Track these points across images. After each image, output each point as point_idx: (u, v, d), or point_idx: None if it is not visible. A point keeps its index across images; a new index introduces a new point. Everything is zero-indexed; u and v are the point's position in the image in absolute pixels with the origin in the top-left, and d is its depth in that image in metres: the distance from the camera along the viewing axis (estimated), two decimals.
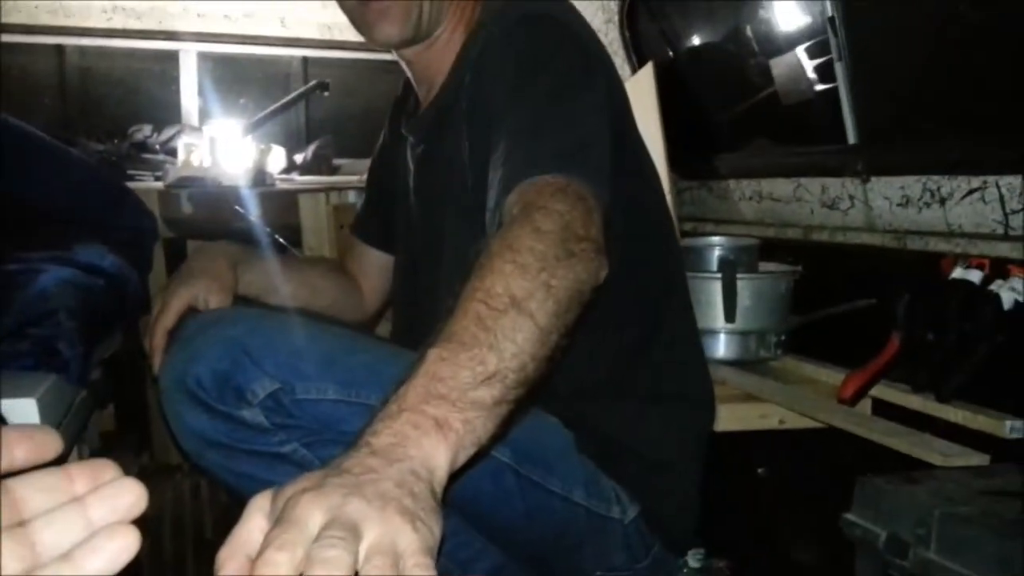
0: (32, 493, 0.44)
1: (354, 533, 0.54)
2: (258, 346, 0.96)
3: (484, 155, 1.03)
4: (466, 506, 1.05)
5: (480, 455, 0.71)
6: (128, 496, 0.45)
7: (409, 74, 1.27)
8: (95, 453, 2.14)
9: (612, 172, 0.99)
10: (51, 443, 0.47)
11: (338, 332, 1.11)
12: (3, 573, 0.40)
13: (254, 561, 0.52)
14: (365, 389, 0.97)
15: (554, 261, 0.82)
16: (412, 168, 1.26)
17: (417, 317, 1.28)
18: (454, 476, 0.68)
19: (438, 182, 1.19)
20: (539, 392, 0.80)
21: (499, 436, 0.74)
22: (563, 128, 0.99)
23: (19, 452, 0.45)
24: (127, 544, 0.43)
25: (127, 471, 1.47)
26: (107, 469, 0.46)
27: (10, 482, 0.44)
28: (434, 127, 1.20)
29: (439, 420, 0.67)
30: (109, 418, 2.52)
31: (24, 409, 0.93)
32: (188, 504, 2.15)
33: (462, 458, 0.68)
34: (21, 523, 0.42)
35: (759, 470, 1.69)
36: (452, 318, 0.76)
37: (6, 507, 0.42)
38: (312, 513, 0.55)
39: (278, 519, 0.56)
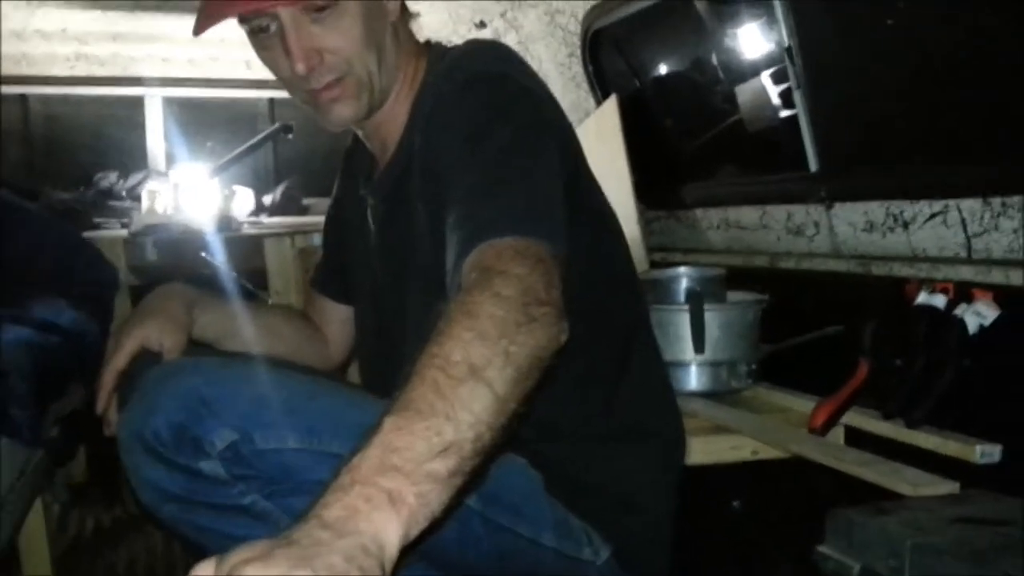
0: None
1: None
2: (216, 396, 0.94)
3: (439, 216, 1.02)
4: (433, 553, 1.03)
5: (435, 526, 0.70)
6: None
7: (359, 133, 1.26)
8: (64, 506, 2.11)
9: (568, 225, 0.99)
10: None
11: (299, 378, 1.10)
12: None
13: None
14: (326, 436, 0.95)
15: (514, 327, 0.81)
16: (373, 228, 1.25)
17: (384, 374, 1.26)
18: (407, 548, 0.67)
19: (399, 243, 1.18)
20: (496, 455, 0.79)
21: (453, 507, 0.72)
22: (517, 188, 0.98)
23: None
24: None
25: (99, 522, 1.45)
26: None
27: None
28: (392, 189, 1.19)
29: (392, 494, 0.65)
30: (81, 469, 2.50)
31: None
32: (161, 555, 2.12)
33: (414, 532, 0.66)
34: None
35: (733, 503, 1.68)
36: (409, 385, 0.74)
37: None
38: None
39: None
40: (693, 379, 1.64)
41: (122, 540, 2.21)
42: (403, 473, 0.67)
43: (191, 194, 2.29)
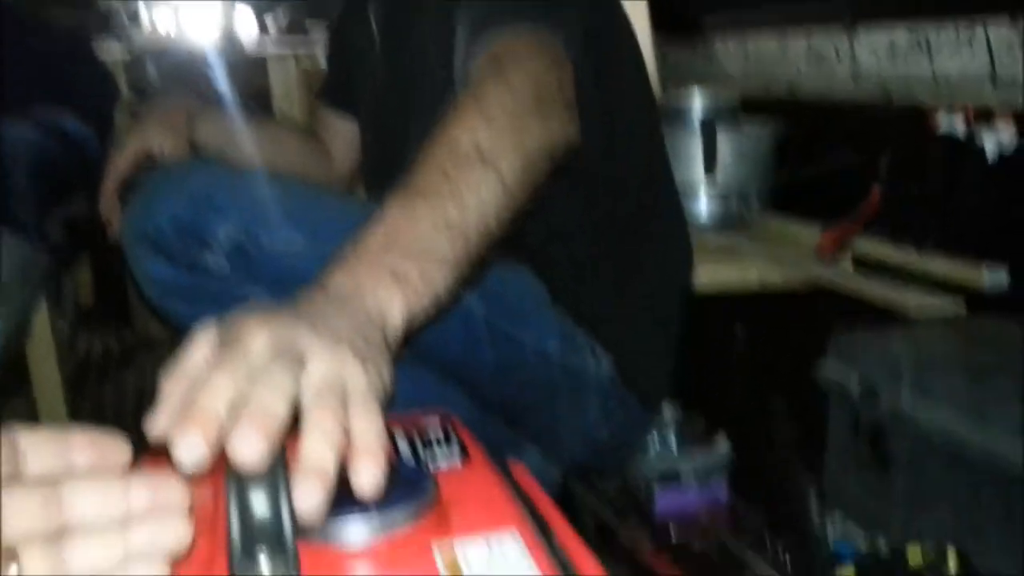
0: (81, 497, 0.41)
1: (299, 361, 0.51)
2: (221, 195, 0.93)
3: (448, 12, 0.98)
4: (437, 355, 1.04)
5: (440, 310, 0.69)
6: (171, 533, 0.42)
7: None
8: (73, 325, 2.14)
9: (585, 29, 0.95)
10: (117, 451, 0.44)
11: (302, 183, 1.09)
12: None
13: (194, 385, 0.50)
14: (331, 239, 0.94)
15: (524, 117, 0.79)
16: (377, 34, 1.21)
17: (388, 181, 1.25)
18: (413, 330, 0.66)
19: (406, 42, 1.15)
20: (502, 249, 0.78)
21: (458, 292, 0.72)
22: None
23: (80, 458, 0.43)
24: None
25: (107, 346, 1.47)
26: (171, 490, 0.42)
27: (64, 480, 0.41)
28: None
29: (396, 271, 0.64)
30: (88, 292, 2.52)
31: None
32: None
33: (418, 311, 0.66)
34: (60, 531, 0.40)
35: (737, 329, 1.68)
36: (416, 170, 0.73)
37: (51, 511, 0.40)
38: (257, 339, 0.52)
39: (222, 345, 0.53)
40: (703, 206, 1.63)
41: (131, 361, 2.25)
42: (408, 252, 0.66)
43: (193, 15, 2.22)
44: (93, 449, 0.43)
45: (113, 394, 2.07)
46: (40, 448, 0.42)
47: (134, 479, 0.42)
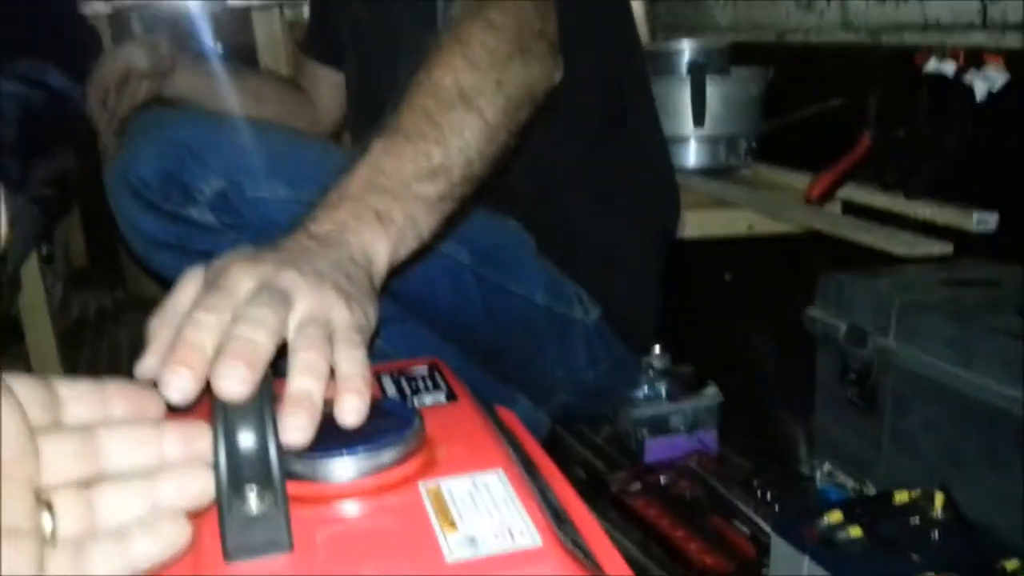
0: (117, 446, 0.41)
1: (284, 299, 0.52)
2: (203, 145, 0.92)
3: None
4: (425, 308, 1.04)
5: (423, 251, 0.69)
6: (197, 485, 0.42)
7: None
8: (66, 285, 2.14)
9: None
10: (153, 404, 0.45)
11: (286, 131, 1.08)
12: (60, 531, 0.38)
13: (180, 323, 0.50)
14: (316, 187, 0.94)
15: (506, 58, 0.79)
16: None
17: (374, 128, 1.24)
18: (396, 272, 0.66)
19: None
20: (489, 194, 0.78)
21: (442, 233, 0.72)
22: None
23: (117, 408, 0.43)
24: (180, 535, 0.41)
25: (101, 304, 1.47)
26: (202, 440, 0.43)
27: (99, 429, 0.41)
28: None
29: (380, 212, 0.64)
30: (80, 254, 2.51)
31: None
32: None
33: (403, 252, 0.66)
34: (93, 479, 0.40)
35: (726, 276, 1.69)
36: (398, 112, 0.73)
37: (87, 460, 0.40)
38: (243, 280, 0.53)
39: (208, 286, 0.54)
40: (692, 154, 1.62)
41: (124, 321, 2.24)
42: (391, 193, 0.66)
43: None
44: (130, 400, 0.44)
45: (107, 352, 2.06)
46: (79, 397, 0.42)
47: (167, 429, 0.43)
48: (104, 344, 2.09)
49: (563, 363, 1.17)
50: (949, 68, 1.29)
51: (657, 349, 1.42)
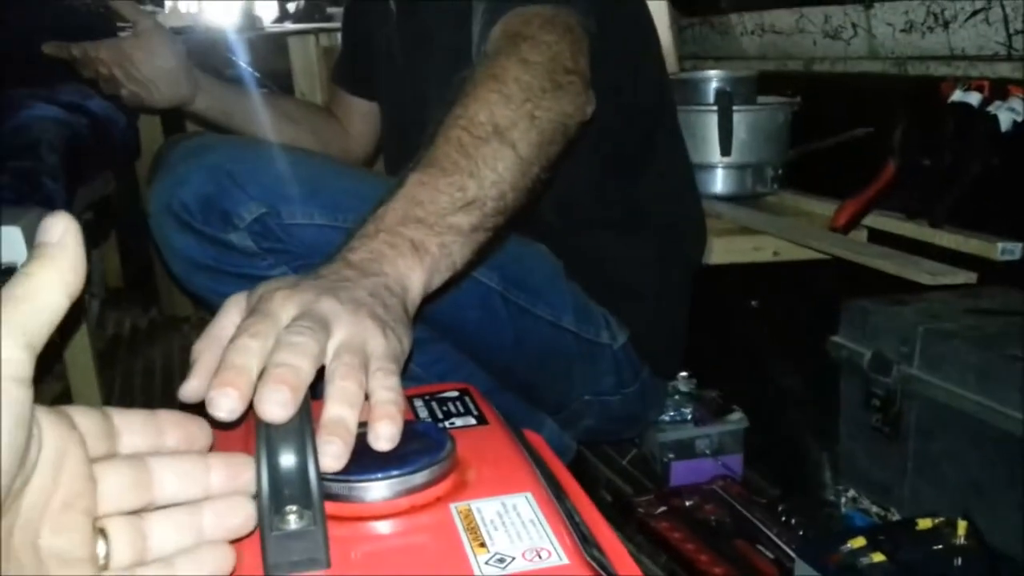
0: (169, 476, 0.44)
1: (324, 327, 0.54)
2: (243, 171, 0.95)
3: None
4: (455, 332, 1.07)
5: (456, 279, 0.72)
6: (238, 517, 0.45)
7: None
8: (103, 304, 2.18)
9: (602, 3, 0.97)
10: (202, 435, 0.47)
11: (323, 159, 1.11)
12: (113, 559, 0.40)
13: (226, 348, 0.53)
14: (352, 214, 0.96)
15: (540, 92, 0.81)
16: (395, 10, 1.23)
17: (407, 159, 1.27)
18: (429, 299, 0.69)
19: (422, 22, 1.16)
20: (519, 221, 0.80)
21: (475, 263, 0.75)
22: None
23: (170, 439, 0.46)
24: (224, 563, 0.43)
25: (136, 324, 1.49)
26: (245, 469, 0.46)
27: (152, 460, 0.43)
28: None
29: (415, 242, 0.67)
30: (116, 275, 2.57)
31: (9, 236, 0.94)
32: None
33: (437, 281, 0.69)
34: (146, 508, 0.43)
35: (752, 302, 1.70)
36: (433, 144, 0.75)
37: (141, 490, 0.42)
38: (285, 307, 0.56)
39: (251, 312, 0.56)
40: (719, 182, 1.64)
41: (159, 339, 2.29)
42: (426, 224, 0.69)
43: None
44: (181, 430, 0.46)
45: (141, 369, 2.11)
46: (133, 428, 0.44)
47: (214, 461, 0.45)
48: (138, 362, 2.14)
49: (590, 387, 1.18)
50: (974, 98, 1.30)
51: (683, 373, 1.43)
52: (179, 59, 1.26)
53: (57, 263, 0.38)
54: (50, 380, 1.69)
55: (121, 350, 2.23)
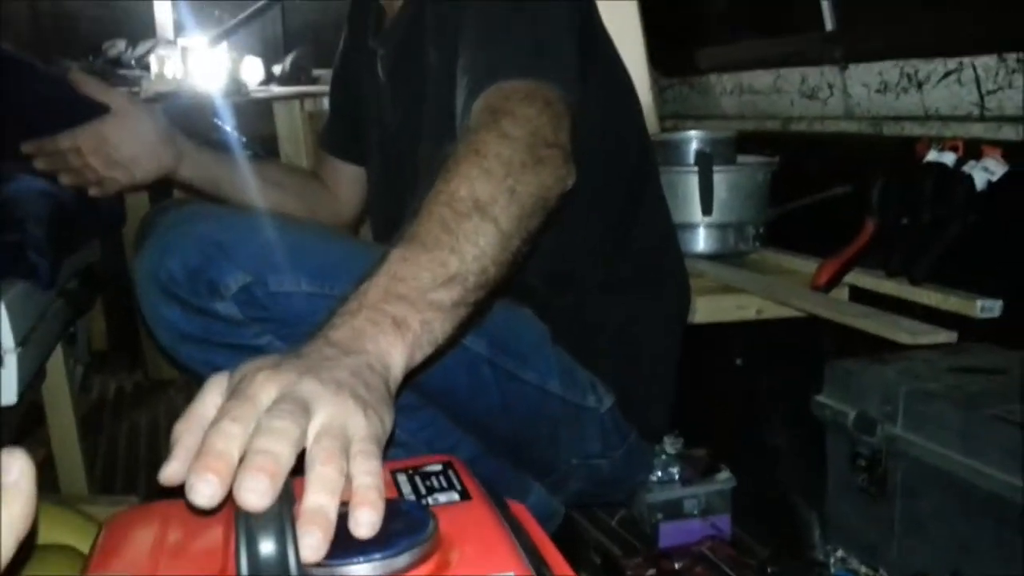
0: None
1: (305, 409, 0.55)
2: (229, 240, 0.95)
3: (452, 61, 1.02)
4: (442, 397, 1.07)
5: (439, 354, 0.72)
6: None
7: None
8: (87, 368, 2.17)
9: (580, 72, 0.98)
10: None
11: (310, 226, 1.12)
12: None
13: (207, 432, 0.53)
14: (339, 282, 0.97)
15: (520, 167, 0.82)
16: (383, 80, 1.25)
17: (394, 224, 1.28)
18: (413, 373, 0.69)
19: (410, 92, 1.18)
20: (501, 292, 0.81)
21: (457, 337, 0.75)
22: (528, 30, 0.98)
23: None
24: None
25: (121, 387, 1.46)
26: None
27: None
28: (403, 37, 1.18)
29: (397, 319, 0.67)
30: (101, 337, 2.56)
31: None
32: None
33: (419, 357, 0.69)
34: None
35: (737, 361, 1.71)
36: (416, 220, 0.76)
37: None
38: (266, 389, 0.56)
39: (232, 394, 0.57)
40: (701, 241, 1.65)
41: (143, 403, 2.28)
42: (408, 301, 0.69)
43: (200, 60, 2.27)
44: None
45: (126, 434, 2.09)
46: None
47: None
48: (123, 426, 2.13)
49: (577, 451, 1.18)
50: (949, 158, 1.33)
51: (670, 432, 1.43)
52: (159, 130, 1.26)
53: (10, 508, 0.39)
54: (32, 445, 1.68)
55: (106, 414, 2.22)
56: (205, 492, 0.49)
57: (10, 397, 1.02)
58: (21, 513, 0.39)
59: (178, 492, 0.52)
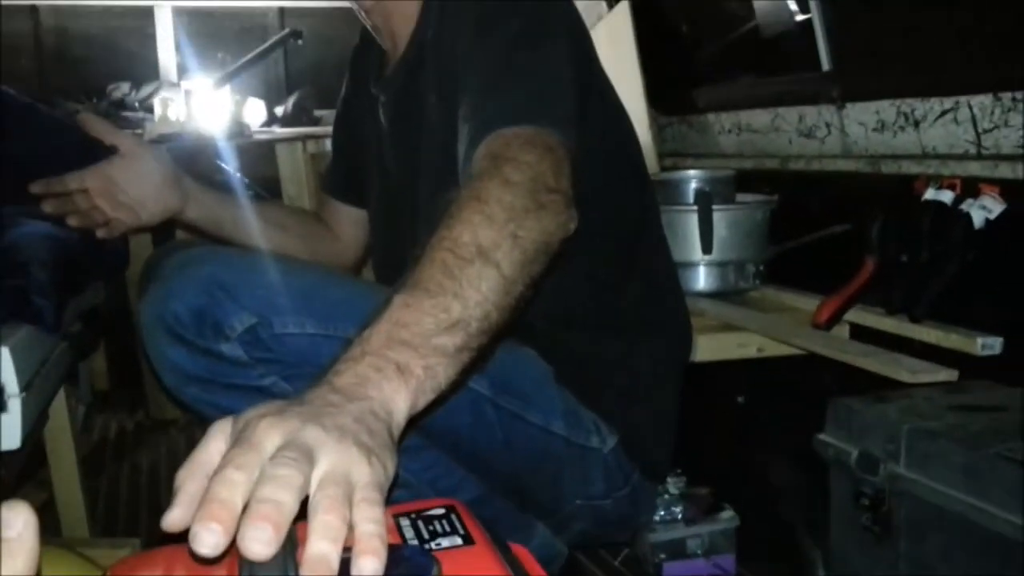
0: None
1: (308, 457, 0.55)
2: (235, 282, 0.96)
3: (453, 107, 1.03)
4: (446, 438, 1.07)
5: (442, 399, 0.72)
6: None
7: (368, 25, 1.26)
8: (89, 408, 2.17)
9: (579, 116, 1.00)
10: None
11: (313, 268, 1.12)
12: None
13: (211, 479, 0.53)
14: (343, 323, 0.97)
15: (522, 212, 0.83)
16: (385, 126, 1.26)
17: (397, 268, 1.29)
18: (417, 417, 0.69)
19: (412, 138, 1.19)
20: (504, 336, 0.82)
21: (460, 382, 0.75)
22: (528, 77, 0.99)
23: None
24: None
25: (123, 427, 1.46)
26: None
27: None
28: (404, 83, 1.20)
29: (400, 365, 0.68)
30: (103, 377, 2.56)
31: None
32: (183, 457, 2.17)
33: (422, 403, 0.69)
34: None
35: (739, 399, 1.71)
36: (419, 266, 0.77)
37: None
38: (270, 436, 0.56)
39: (236, 441, 0.57)
40: (701, 279, 1.66)
41: (145, 443, 2.27)
42: (411, 347, 0.70)
43: (203, 102, 2.29)
44: None
45: (127, 474, 2.08)
46: None
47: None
48: (125, 466, 2.12)
49: (581, 492, 1.18)
50: (947, 196, 1.34)
51: (673, 472, 1.43)
52: (166, 172, 1.28)
53: (13, 562, 0.40)
54: (34, 488, 1.68)
55: (107, 454, 2.21)
56: (209, 541, 0.49)
57: (14, 442, 1.02)
58: (24, 567, 0.39)
59: (181, 537, 0.53)
